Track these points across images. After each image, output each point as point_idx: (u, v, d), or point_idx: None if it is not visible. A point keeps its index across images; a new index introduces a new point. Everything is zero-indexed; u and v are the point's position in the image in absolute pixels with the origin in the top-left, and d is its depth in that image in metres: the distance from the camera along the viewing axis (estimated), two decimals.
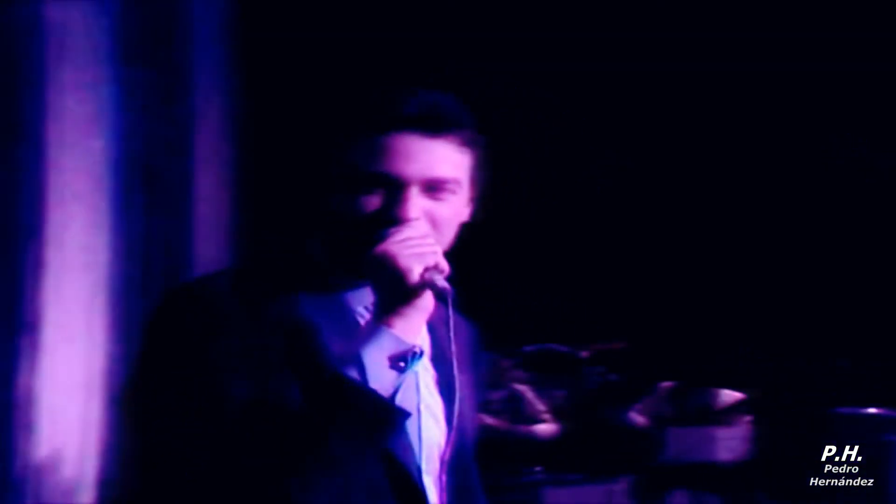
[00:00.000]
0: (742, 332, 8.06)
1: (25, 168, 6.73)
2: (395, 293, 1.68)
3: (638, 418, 6.92)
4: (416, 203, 1.73)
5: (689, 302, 8.37)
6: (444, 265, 1.71)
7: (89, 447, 7.11)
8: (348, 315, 1.79)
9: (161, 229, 7.55)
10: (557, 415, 6.85)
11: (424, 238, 1.71)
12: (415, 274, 1.67)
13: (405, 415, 1.69)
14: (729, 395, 6.80)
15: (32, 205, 6.77)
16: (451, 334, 1.75)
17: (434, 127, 1.73)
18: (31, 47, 6.77)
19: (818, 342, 7.77)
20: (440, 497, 1.77)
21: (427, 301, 1.70)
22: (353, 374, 1.64)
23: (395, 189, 1.71)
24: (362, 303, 1.80)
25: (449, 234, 1.80)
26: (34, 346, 6.76)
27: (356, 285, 1.79)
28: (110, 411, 7.18)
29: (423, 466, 1.78)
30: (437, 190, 1.75)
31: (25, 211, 6.73)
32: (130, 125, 7.34)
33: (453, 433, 1.76)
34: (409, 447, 1.76)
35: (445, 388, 1.81)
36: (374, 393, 1.64)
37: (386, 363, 1.66)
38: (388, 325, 1.67)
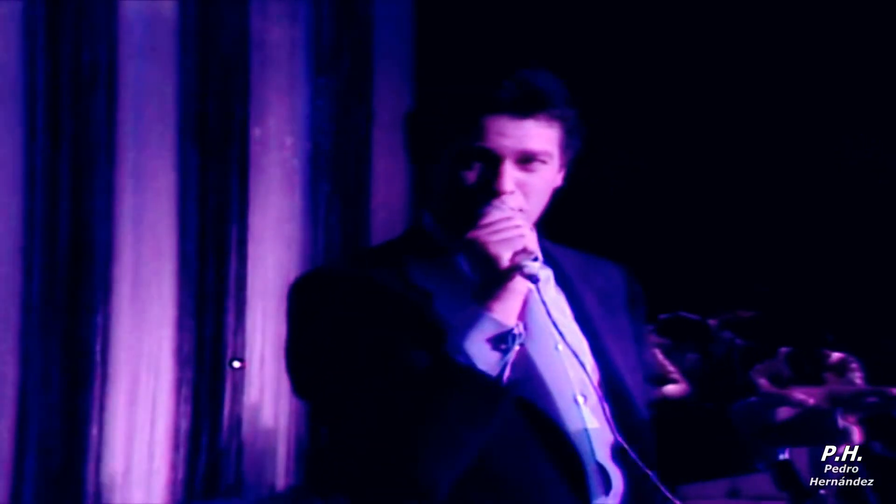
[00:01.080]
0: (857, 302, 8.18)
1: (237, 161, 7.42)
2: (489, 278, 1.67)
3: (760, 379, 6.93)
4: (511, 175, 1.74)
5: (813, 271, 8.47)
6: (533, 247, 1.69)
7: (283, 404, 7.65)
8: (462, 279, 1.77)
9: (343, 213, 8.19)
10: (687, 375, 6.92)
11: (512, 220, 1.70)
12: (504, 259, 1.66)
13: (510, 394, 1.67)
14: (838, 356, 6.85)
15: (240, 191, 7.44)
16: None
17: (525, 108, 1.74)
18: (239, 61, 7.42)
19: None
20: (608, 421, 1.74)
21: (521, 284, 1.68)
22: (461, 356, 1.64)
23: (492, 163, 1.73)
24: None
25: (543, 200, 1.80)
26: (239, 310, 7.43)
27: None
28: None
29: (579, 399, 1.77)
30: (530, 161, 1.76)
31: (234, 197, 7.40)
32: (319, 124, 8.04)
33: (594, 364, 1.77)
34: (552, 399, 1.74)
35: (616, 336, 1.82)
36: (480, 374, 1.63)
37: (488, 346, 1.64)
38: (487, 309, 1.66)
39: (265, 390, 7.64)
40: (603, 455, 1.77)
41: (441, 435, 1.63)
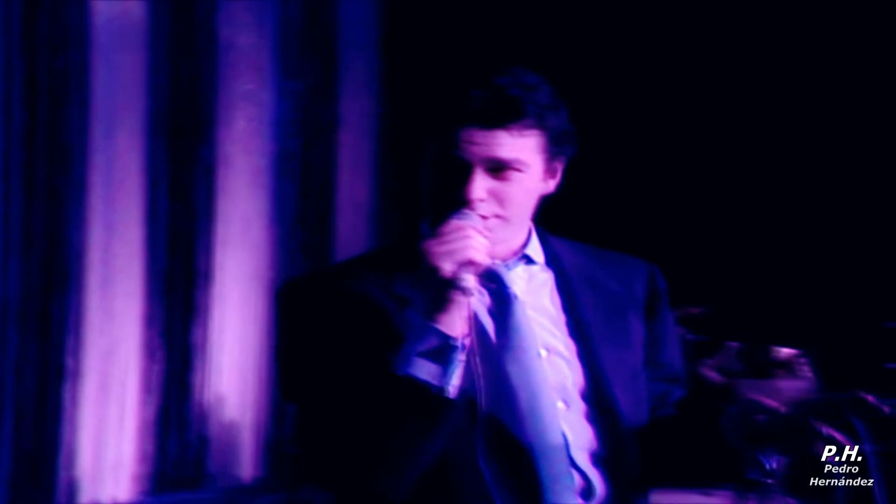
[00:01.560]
0: (803, 298, 8.24)
1: (204, 163, 7.49)
2: (431, 288, 1.65)
3: (711, 373, 7.31)
4: (481, 183, 1.72)
5: (760, 268, 8.48)
6: (480, 258, 1.66)
7: (248, 394, 7.75)
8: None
9: (310, 213, 8.24)
10: None
11: (463, 231, 1.68)
12: (445, 271, 1.63)
13: (451, 403, 1.64)
14: (788, 352, 7.01)
15: (207, 191, 7.51)
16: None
17: (494, 119, 1.72)
18: (208, 64, 7.49)
19: (871, 305, 8.00)
20: (592, 429, 1.74)
21: (463, 295, 1.67)
22: (403, 366, 1.63)
23: (462, 171, 1.72)
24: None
25: (525, 208, 1.78)
26: (206, 308, 7.49)
27: None
28: (265, 365, 7.74)
29: (560, 405, 1.76)
30: (502, 170, 1.74)
31: (201, 196, 7.47)
32: (286, 127, 8.10)
33: (580, 370, 1.76)
34: (513, 403, 1.75)
35: (614, 341, 1.80)
36: (423, 385, 1.62)
37: (430, 357, 1.63)
38: (431, 320, 1.63)
39: (231, 384, 7.68)
40: (584, 461, 1.77)
41: (390, 443, 1.63)
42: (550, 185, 1.86)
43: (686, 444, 1.90)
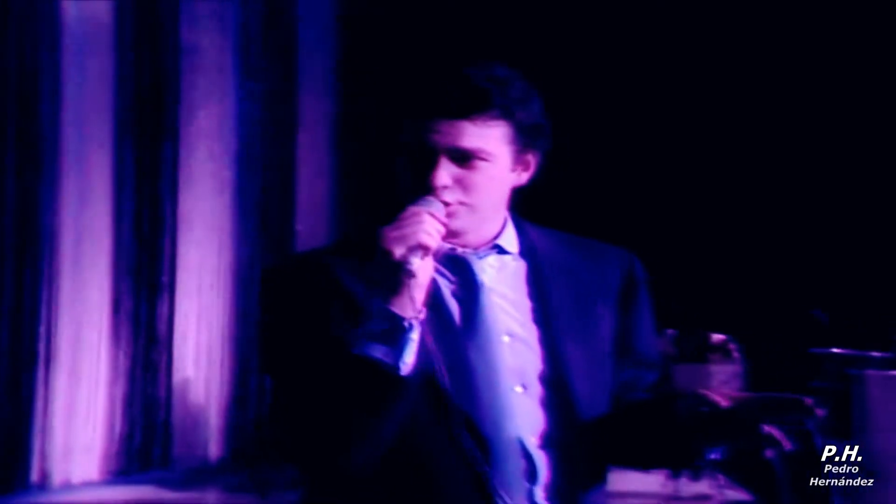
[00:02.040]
0: (733, 288, 8.58)
1: (170, 158, 7.65)
2: (383, 271, 1.65)
3: None
4: (445, 170, 1.71)
5: (692, 261, 8.77)
6: (431, 243, 1.66)
7: (212, 379, 7.91)
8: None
9: (271, 208, 8.45)
10: None
11: (417, 217, 1.68)
12: (395, 254, 1.63)
13: (405, 381, 1.64)
14: (719, 338, 7.16)
15: (171, 185, 7.68)
16: (589, 272, 1.79)
17: (459, 110, 1.72)
18: (172, 65, 7.65)
19: (797, 294, 8.14)
20: (547, 414, 1.72)
21: (420, 276, 1.65)
22: (357, 346, 1.63)
23: (427, 159, 1.72)
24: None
25: (492, 197, 1.76)
26: (171, 295, 7.66)
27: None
28: (228, 351, 7.95)
29: (517, 389, 1.73)
30: (468, 159, 1.72)
31: (166, 190, 7.64)
32: (247, 125, 8.30)
33: (541, 355, 1.73)
34: (470, 384, 1.72)
35: (580, 328, 1.77)
36: (376, 363, 1.62)
37: (382, 336, 1.63)
38: (383, 301, 1.64)
39: (197, 368, 7.87)
40: (533, 445, 1.75)
41: (349, 420, 1.64)
42: (523, 178, 1.83)
43: (644, 429, 1.85)
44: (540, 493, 1.75)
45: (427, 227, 1.68)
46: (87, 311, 7.00)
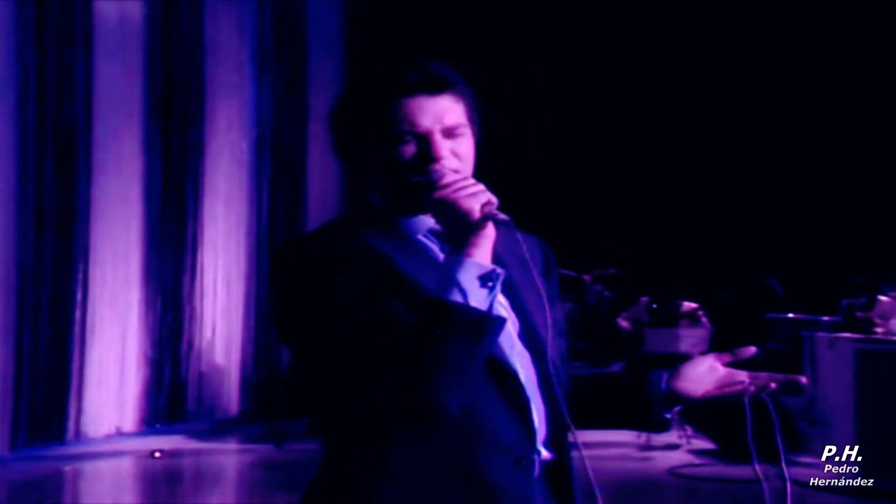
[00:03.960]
0: (699, 261, 8.78)
1: (194, 146, 7.86)
2: (466, 229, 1.65)
3: (624, 323, 7.46)
4: (443, 144, 1.73)
5: (663, 237, 9.02)
6: (494, 198, 1.67)
7: (233, 340, 8.15)
8: (412, 242, 1.77)
9: (283, 191, 8.66)
10: (567, 321, 7.32)
11: (469, 179, 1.69)
12: (476, 211, 1.65)
13: (502, 322, 1.67)
14: (689, 305, 7.33)
15: (196, 170, 7.91)
16: (525, 252, 1.76)
17: (434, 87, 1.74)
18: (196, 61, 7.84)
19: (755, 265, 8.43)
20: (539, 377, 1.73)
21: (490, 230, 1.67)
22: (456, 297, 1.64)
23: (424, 137, 1.72)
24: (420, 231, 1.78)
25: (470, 165, 1.78)
26: (195, 265, 7.87)
27: (411, 218, 1.77)
28: (247, 315, 8.17)
29: (513, 355, 1.75)
30: (453, 134, 1.75)
31: (190, 174, 7.85)
32: (263, 115, 8.50)
33: (550, 330, 1.73)
34: (499, 343, 1.72)
35: (533, 297, 1.79)
36: (476, 309, 1.64)
37: (477, 284, 1.65)
38: (468, 255, 1.65)
39: (217, 330, 8.05)
40: (531, 393, 1.76)
41: (446, 366, 1.63)
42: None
43: (609, 393, 1.89)
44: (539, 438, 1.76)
45: (482, 186, 1.70)
46: (120, 279, 7.12)
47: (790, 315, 7.73)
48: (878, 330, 7.01)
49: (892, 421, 5.30)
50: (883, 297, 7.44)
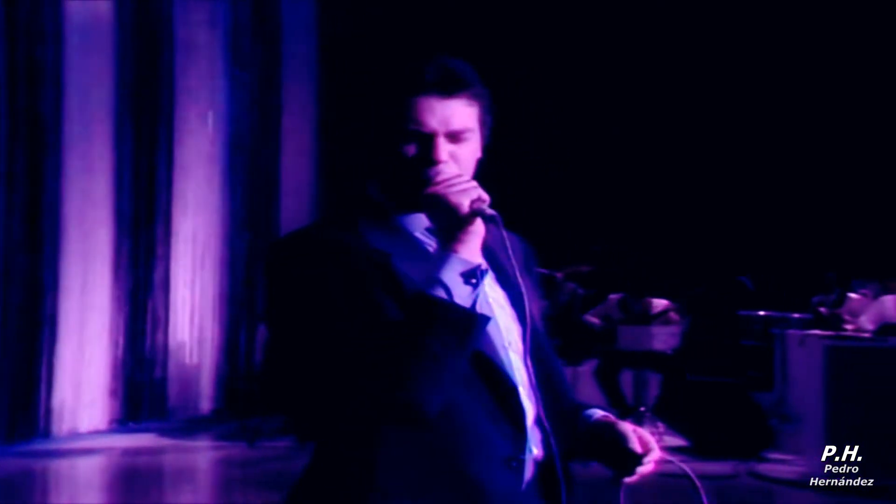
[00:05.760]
0: (671, 259, 8.82)
1: (165, 142, 7.83)
2: (453, 225, 1.67)
3: (593, 320, 7.51)
4: (444, 148, 1.73)
5: (636, 235, 9.04)
6: (485, 195, 1.69)
7: (205, 338, 8.11)
8: (410, 239, 1.77)
9: (256, 188, 8.63)
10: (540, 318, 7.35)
11: (461, 176, 1.70)
12: (464, 207, 1.66)
13: (486, 319, 1.67)
14: (661, 302, 7.39)
15: (167, 167, 7.85)
16: (510, 249, 1.73)
17: (448, 89, 1.75)
18: (165, 56, 7.79)
19: (727, 263, 8.50)
20: (529, 376, 1.73)
21: (479, 226, 1.68)
22: (439, 293, 1.64)
23: (427, 139, 1.73)
24: (418, 228, 1.78)
25: (470, 169, 1.78)
26: (167, 262, 7.84)
27: (409, 215, 1.77)
28: (219, 313, 8.15)
29: (506, 345, 1.76)
30: (457, 138, 1.75)
31: (162, 170, 7.81)
32: (237, 112, 8.47)
33: (528, 327, 1.73)
34: (491, 342, 1.72)
35: (513, 294, 1.79)
36: (458, 305, 1.63)
37: (460, 280, 1.65)
38: (454, 251, 1.66)
39: (189, 328, 8.02)
40: (523, 393, 1.77)
41: (428, 362, 1.63)
42: (480, 152, 1.85)
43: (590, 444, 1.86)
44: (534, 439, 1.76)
45: (475, 183, 1.72)
46: (90, 276, 7.08)
47: (761, 312, 7.78)
48: (848, 327, 7.05)
49: (862, 417, 5.33)
50: (853, 294, 7.48)
